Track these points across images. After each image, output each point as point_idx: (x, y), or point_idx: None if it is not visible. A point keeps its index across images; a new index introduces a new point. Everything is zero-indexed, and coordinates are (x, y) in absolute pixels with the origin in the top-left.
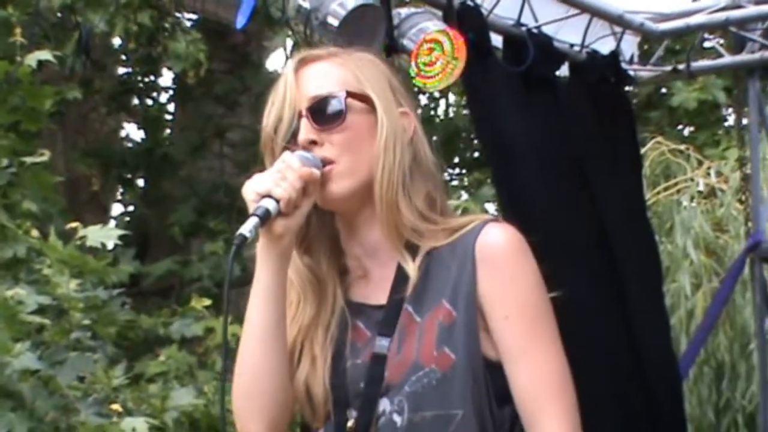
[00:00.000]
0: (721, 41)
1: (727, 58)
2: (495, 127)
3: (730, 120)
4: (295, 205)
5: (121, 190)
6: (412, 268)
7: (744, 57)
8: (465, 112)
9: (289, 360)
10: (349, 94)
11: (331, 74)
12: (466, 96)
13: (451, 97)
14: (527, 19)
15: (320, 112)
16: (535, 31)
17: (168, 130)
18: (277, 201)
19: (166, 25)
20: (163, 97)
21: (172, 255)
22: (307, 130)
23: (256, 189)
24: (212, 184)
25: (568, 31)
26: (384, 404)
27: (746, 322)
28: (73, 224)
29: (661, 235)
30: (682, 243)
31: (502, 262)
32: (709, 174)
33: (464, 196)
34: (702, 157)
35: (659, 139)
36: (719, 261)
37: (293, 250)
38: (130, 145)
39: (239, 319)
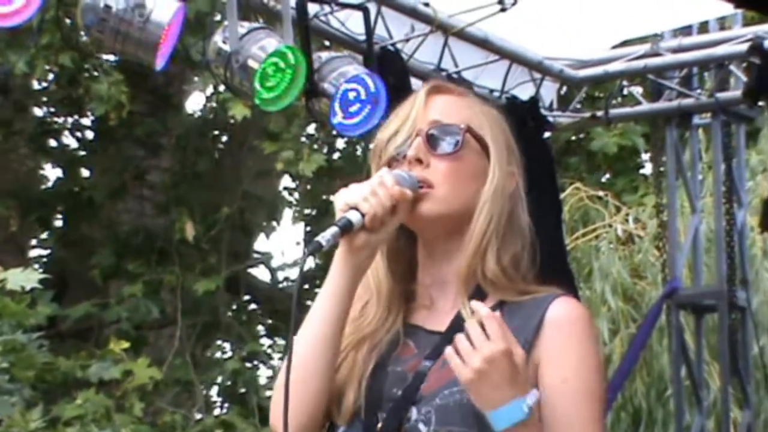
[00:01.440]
0: (640, 89)
1: (645, 106)
2: None
3: (649, 166)
4: (381, 221)
5: (39, 231)
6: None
7: (662, 105)
8: None
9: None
10: (469, 131)
11: (458, 109)
12: None
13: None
14: (447, 64)
15: (436, 137)
16: (455, 76)
17: (87, 172)
18: (363, 215)
19: (87, 67)
20: (85, 137)
21: (91, 297)
22: (417, 149)
23: (345, 199)
24: (132, 226)
25: (488, 77)
26: (412, 413)
27: (663, 369)
28: None
29: (580, 281)
30: (600, 288)
31: (575, 326)
32: (627, 220)
33: None
34: (620, 204)
35: (578, 185)
36: (636, 307)
37: (372, 264)
38: (49, 185)
39: (158, 361)
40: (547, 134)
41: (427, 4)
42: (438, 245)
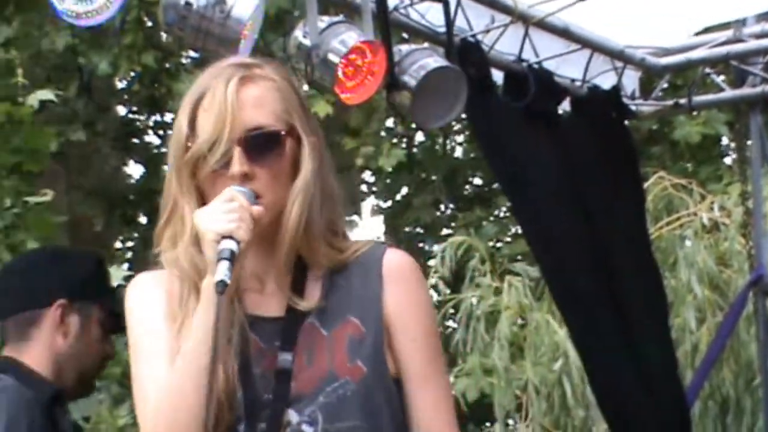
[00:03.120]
0: (723, 76)
1: (729, 92)
2: (504, 162)
3: (733, 154)
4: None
5: (124, 229)
6: (311, 284)
7: (745, 91)
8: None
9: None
10: (288, 133)
11: (266, 103)
12: (471, 131)
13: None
14: (528, 55)
15: (256, 145)
16: (536, 66)
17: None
18: (239, 242)
19: (169, 66)
20: (167, 135)
21: None
22: (241, 162)
23: (216, 230)
24: None
25: (569, 67)
26: (291, 416)
27: (751, 357)
28: None
29: (665, 270)
30: (685, 278)
31: (411, 284)
32: (712, 208)
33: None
34: (705, 192)
35: (662, 173)
36: (723, 296)
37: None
38: (132, 181)
39: None
40: (628, 123)
41: None
42: (263, 238)
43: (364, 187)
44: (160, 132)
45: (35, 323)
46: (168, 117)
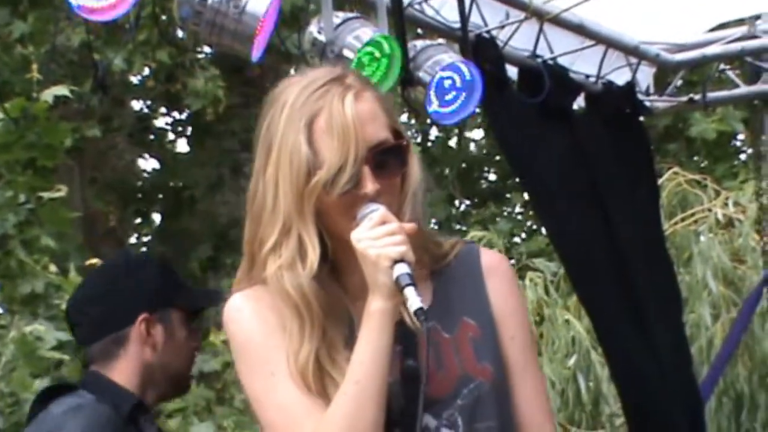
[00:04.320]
0: (738, 72)
1: (743, 89)
2: (520, 157)
3: (749, 151)
4: None
5: (139, 224)
6: (420, 286)
7: (760, 87)
8: (473, 145)
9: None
10: (408, 144)
11: (378, 115)
12: (487, 127)
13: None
14: (543, 51)
15: (383, 161)
16: (550, 62)
17: (185, 165)
18: (409, 263)
19: (184, 62)
20: (183, 131)
21: None
22: (372, 180)
23: (389, 255)
24: (230, 218)
25: (584, 62)
26: (428, 420)
27: (765, 353)
28: (93, 260)
29: (680, 266)
30: (700, 273)
31: (508, 282)
32: (726, 204)
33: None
34: (719, 188)
35: (676, 169)
36: (737, 291)
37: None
38: (146, 176)
39: None
40: (643, 119)
41: None
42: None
43: None
44: (179, 128)
45: (121, 343)
46: (183, 114)
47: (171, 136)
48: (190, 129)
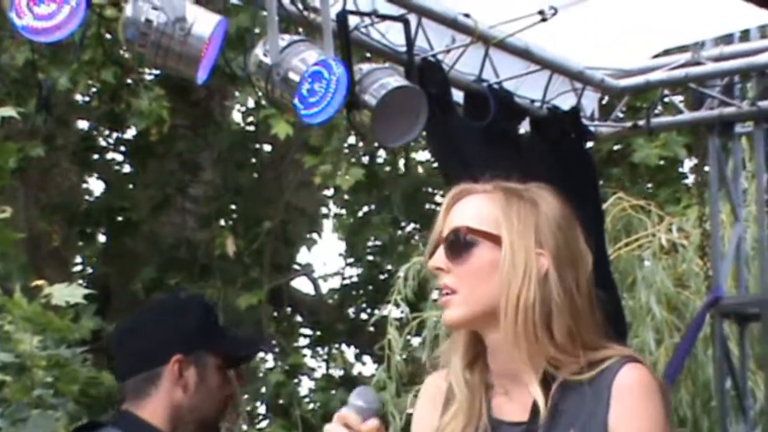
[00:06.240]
0: (681, 98)
1: (687, 115)
2: (463, 181)
3: (691, 178)
4: None
5: (83, 245)
6: (544, 398)
7: (703, 113)
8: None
9: None
10: (475, 231)
11: (472, 209)
12: (431, 150)
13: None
14: (488, 75)
15: (451, 244)
16: (496, 86)
17: (130, 185)
18: None
19: (129, 82)
20: (127, 152)
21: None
22: (437, 258)
23: None
24: (174, 239)
25: (529, 87)
26: None
27: (708, 378)
28: (38, 282)
29: (624, 291)
30: (644, 298)
31: (635, 397)
32: (670, 230)
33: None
34: (663, 213)
35: (620, 194)
36: (681, 316)
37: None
38: (91, 198)
39: None
40: (588, 144)
41: (467, 15)
42: (490, 340)
43: (324, 205)
44: (121, 149)
45: (154, 381)
46: (127, 134)
47: (116, 156)
48: (133, 150)
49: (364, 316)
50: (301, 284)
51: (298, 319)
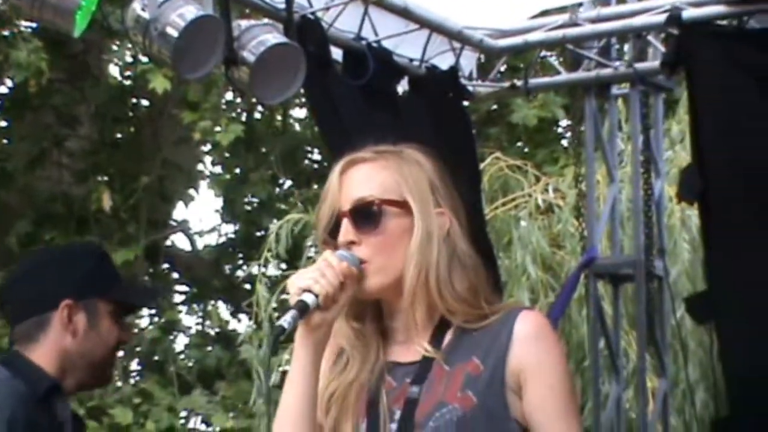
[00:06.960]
0: (560, 59)
1: (564, 76)
2: (340, 139)
3: (569, 138)
4: (333, 299)
5: None
6: (440, 340)
7: (580, 75)
8: (297, 124)
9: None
10: (385, 202)
11: (372, 178)
12: (309, 108)
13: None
14: (367, 33)
15: (359, 216)
16: (375, 45)
17: (5, 140)
18: (317, 296)
19: (6, 34)
20: (3, 105)
21: (8, 265)
22: (346, 232)
23: (298, 284)
24: (50, 194)
25: (408, 46)
26: None
27: (582, 338)
28: None
29: (499, 250)
30: (520, 258)
31: (547, 338)
32: (546, 190)
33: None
34: (540, 174)
35: (498, 154)
36: (556, 276)
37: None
38: None
39: None
40: (466, 104)
41: None
42: (395, 304)
43: (201, 162)
44: None
45: (43, 326)
46: (3, 87)
47: None
48: (9, 103)
49: (240, 273)
50: (178, 240)
51: (174, 275)
